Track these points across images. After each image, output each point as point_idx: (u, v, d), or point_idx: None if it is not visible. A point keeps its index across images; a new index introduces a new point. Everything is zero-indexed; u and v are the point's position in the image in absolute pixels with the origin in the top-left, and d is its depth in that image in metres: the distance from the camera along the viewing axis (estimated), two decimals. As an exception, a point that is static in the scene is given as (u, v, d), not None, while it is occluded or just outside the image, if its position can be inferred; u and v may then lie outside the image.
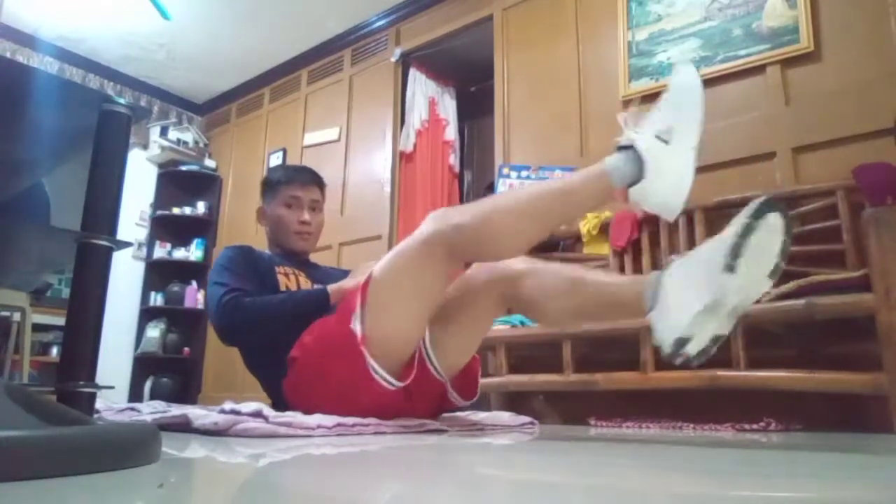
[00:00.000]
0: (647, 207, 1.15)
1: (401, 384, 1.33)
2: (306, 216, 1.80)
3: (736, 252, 0.97)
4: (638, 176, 1.13)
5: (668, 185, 1.12)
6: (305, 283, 1.71)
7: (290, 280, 1.68)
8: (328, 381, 1.36)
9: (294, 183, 1.81)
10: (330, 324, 1.40)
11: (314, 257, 1.93)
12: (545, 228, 1.25)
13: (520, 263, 1.37)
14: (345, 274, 1.80)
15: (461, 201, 4.25)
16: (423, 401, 1.44)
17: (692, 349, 1.02)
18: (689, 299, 1.02)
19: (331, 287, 1.56)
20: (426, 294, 1.31)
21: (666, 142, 1.13)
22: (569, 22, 3.11)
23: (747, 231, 0.97)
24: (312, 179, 1.86)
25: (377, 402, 1.32)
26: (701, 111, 1.14)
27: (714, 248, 1.02)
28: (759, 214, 0.98)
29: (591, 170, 1.18)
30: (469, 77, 4.11)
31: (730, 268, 0.97)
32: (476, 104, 4.16)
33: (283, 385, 1.48)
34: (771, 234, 0.99)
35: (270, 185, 1.84)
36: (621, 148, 1.17)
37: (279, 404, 1.52)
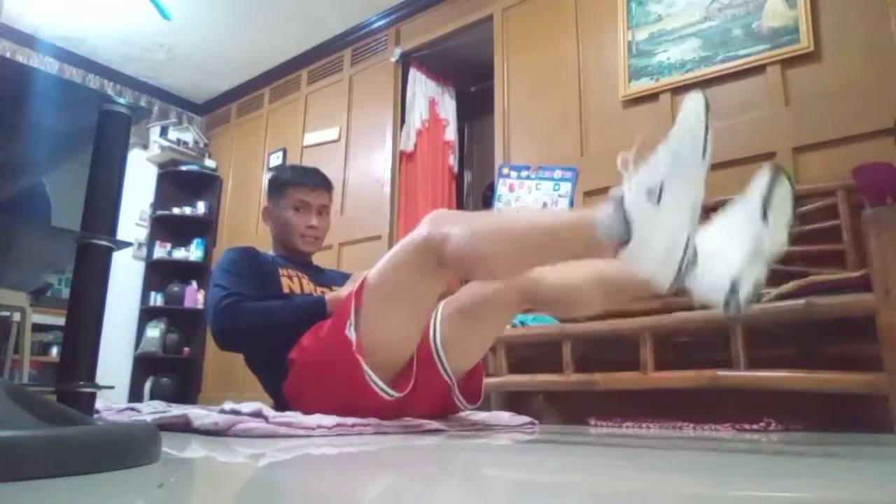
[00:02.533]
0: (637, 274, 1.02)
1: (398, 395, 1.33)
2: (314, 221, 1.80)
3: (767, 203, 1.05)
4: (625, 237, 0.99)
5: (657, 252, 0.98)
6: (309, 286, 1.71)
7: (294, 283, 1.68)
8: (327, 386, 1.36)
9: (303, 186, 1.80)
10: (326, 329, 1.40)
11: (316, 256, 1.93)
12: (533, 264, 1.25)
13: None
14: (346, 277, 1.80)
15: (460, 201, 4.25)
16: (425, 400, 1.44)
17: (742, 292, 1.03)
18: (735, 246, 1.05)
19: (328, 295, 1.56)
20: (419, 299, 1.31)
21: (657, 201, 0.97)
22: (569, 22, 3.11)
23: (772, 186, 1.07)
24: (322, 183, 1.84)
25: (376, 407, 1.32)
26: (700, 163, 0.98)
27: (745, 203, 1.09)
28: (776, 174, 1.08)
29: (584, 217, 1.07)
30: (469, 77, 4.11)
31: (765, 216, 1.05)
32: (476, 104, 4.16)
33: (283, 387, 1.48)
34: (785, 191, 1.09)
35: (278, 186, 1.82)
36: (613, 200, 1.03)
37: (280, 405, 1.52)
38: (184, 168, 4.90)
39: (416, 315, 1.34)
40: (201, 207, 4.91)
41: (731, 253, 1.05)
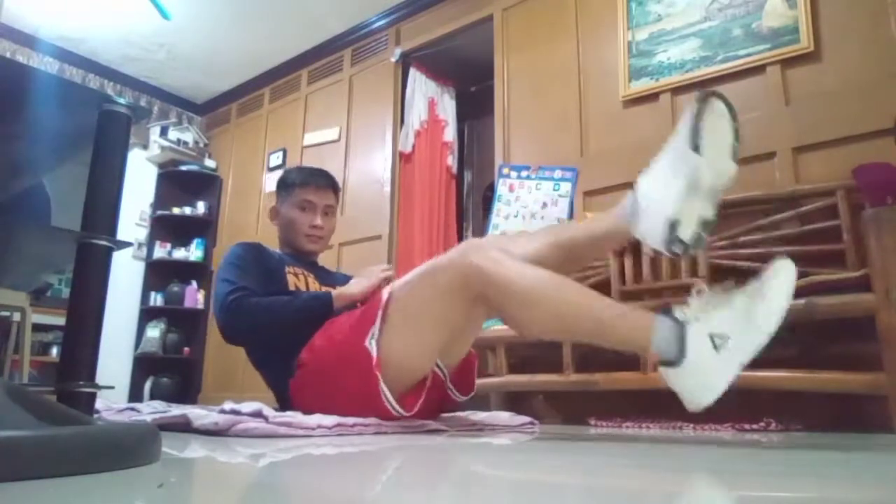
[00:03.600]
0: (670, 385, 1.06)
1: (407, 414, 1.33)
2: (318, 220, 1.81)
3: (696, 132, 1.06)
4: (675, 360, 1.02)
5: (698, 386, 1.02)
6: (315, 285, 1.71)
7: (300, 280, 1.68)
8: (337, 389, 1.36)
9: (309, 186, 1.81)
10: (344, 332, 1.39)
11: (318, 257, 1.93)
12: (569, 340, 1.26)
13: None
14: (349, 279, 1.81)
15: (459, 202, 4.25)
16: (426, 402, 1.44)
17: (685, 233, 1.06)
18: (668, 185, 1.08)
19: (335, 291, 1.56)
20: (447, 324, 1.30)
21: (716, 348, 1.00)
22: (569, 22, 3.11)
23: (699, 114, 1.07)
24: (328, 184, 1.85)
25: (382, 416, 1.32)
26: (770, 333, 1.01)
27: (674, 138, 1.10)
28: (703, 100, 1.07)
29: (641, 320, 1.07)
30: (469, 77, 4.10)
31: (695, 147, 1.06)
32: (476, 104, 4.16)
33: (289, 385, 1.48)
34: (720, 118, 1.09)
35: (285, 186, 1.84)
36: (674, 318, 1.04)
37: (283, 403, 1.52)
38: (184, 168, 4.90)
39: (439, 339, 1.33)
40: (201, 207, 4.91)
41: (664, 194, 1.08)
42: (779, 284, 1.02)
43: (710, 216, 1.09)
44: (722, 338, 1.00)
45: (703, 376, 1.01)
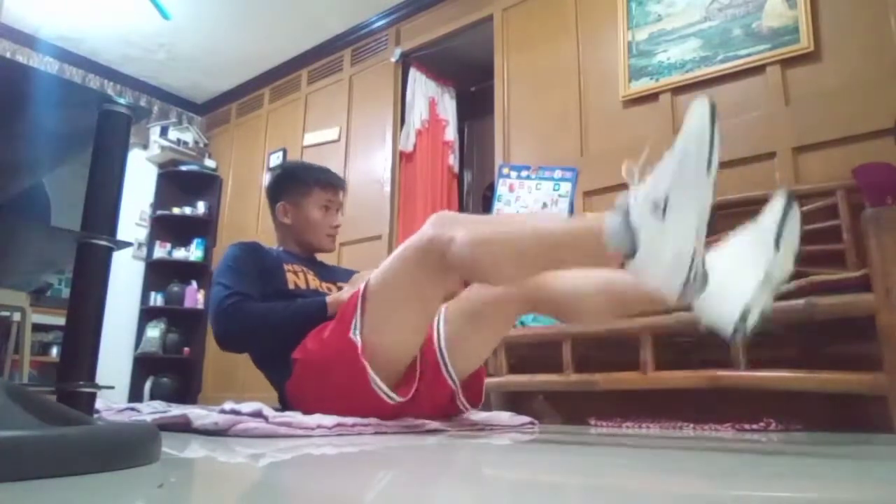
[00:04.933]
0: (644, 285, 1.01)
1: (401, 399, 1.33)
2: (338, 220, 1.85)
3: (780, 232, 1.05)
4: (631, 249, 0.97)
5: (662, 266, 0.96)
6: (314, 282, 1.71)
7: (300, 277, 1.68)
8: (329, 387, 1.36)
9: (331, 188, 1.83)
10: (330, 330, 1.40)
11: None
12: (537, 272, 1.25)
13: None
14: (350, 273, 1.81)
15: (461, 202, 4.25)
16: (428, 404, 1.44)
17: (751, 320, 1.03)
18: (747, 274, 1.05)
19: (329, 297, 1.56)
20: (422, 301, 1.31)
21: (662, 214, 0.94)
22: (569, 22, 3.11)
23: (786, 214, 1.06)
24: (344, 184, 1.92)
25: (378, 409, 1.32)
26: (705, 176, 0.92)
27: (758, 230, 1.09)
28: (790, 202, 1.07)
29: (591, 227, 1.05)
30: (469, 77, 4.11)
31: (777, 245, 1.05)
32: (476, 104, 4.16)
33: (288, 386, 1.48)
34: (795, 222, 1.09)
35: (302, 184, 1.82)
36: (620, 210, 1.01)
37: (285, 404, 1.52)
38: (184, 168, 4.90)
39: (419, 318, 1.33)
40: (201, 207, 4.91)
41: (743, 281, 1.04)
42: (693, 119, 0.94)
43: (769, 309, 1.05)
44: (661, 201, 0.94)
45: (665, 249, 0.95)
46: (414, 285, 1.28)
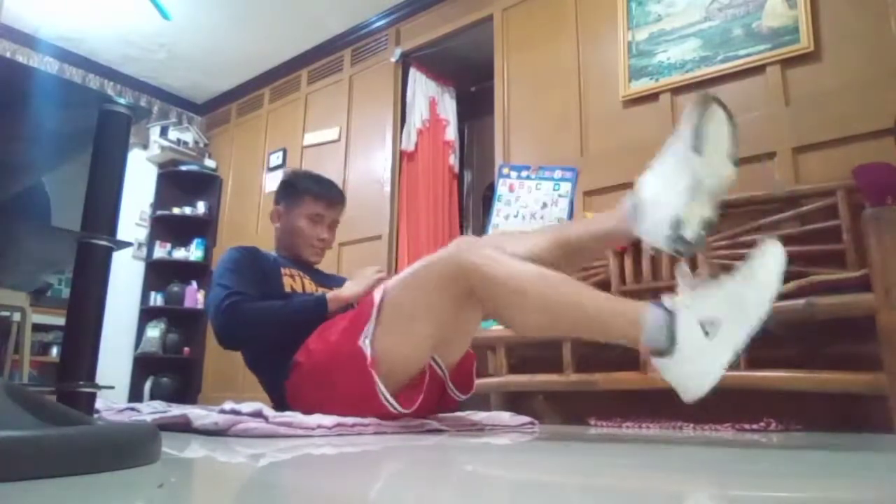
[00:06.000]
0: (664, 377, 1.05)
1: (406, 411, 1.33)
2: (325, 234, 1.81)
3: (698, 135, 1.09)
4: (666, 350, 1.01)
5: (692, 375, 1.01)
6: (311, 286, 1.71)
7: (296, 282, 1.68)
8: (333, 391, 1.36)
9: (322, 201, 1.80)
10: (338, 333, 1.39)
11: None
12: (561, 334, 1.26)
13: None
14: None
15: (461, 202, 4.25)
16: (427, 399, 1.44)
17: (688, 232, 1.08)
18: (670, 185, 1.11)
19: (329, 294, 1.56)
20: (439, 322, 1.31)
21: (708, 335, 0.99)
22: (569, 22, 3.11)
23: (701, 119, 1.10)
24: (340, 199, 1.86)
25: (380, 415, 1.32)
26: (762, 316, 0.98)
27: (675, 140, 1.13)
28: (703, 104, 1.11)
29: (632, 311, 1.06)
30: (469, 77, 4.10)
31: (697, 150, 1.09)
32: (476, 104, 4.16)
33: (285, 387, 1.48)
34: (719, 123, 1.12)
35: (296, 192, 1.81)
36: (664, 307, 1.04)
37: (280, 405, 1.52)
38: (184, 168, 4.90)
39: (433, 337, 1.33)
40: (201, 207, 4.91)
41: (668, 194, 1.10)
42: (768, 265, 1.00)
43: (712, 216, 1.11)
44: (713, 324, 0.99)
45: (696, 365, 1.00)
46: (434, 307, 1.28)
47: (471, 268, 1.18)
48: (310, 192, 1.80)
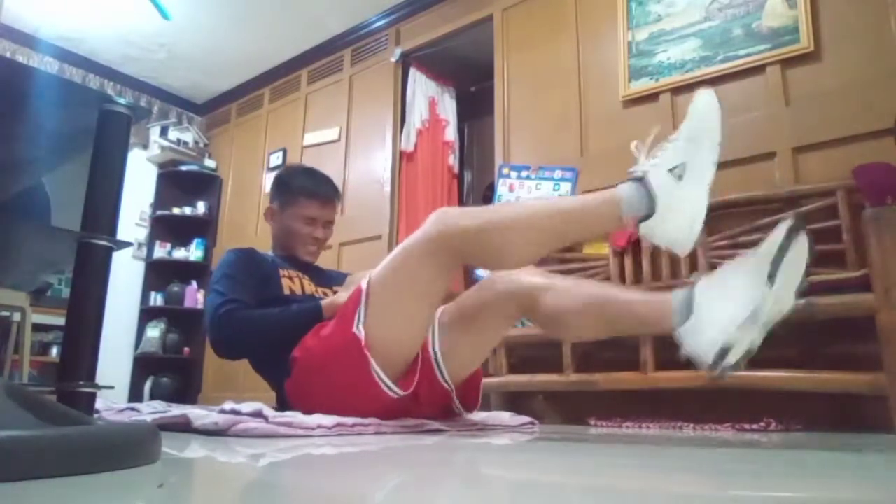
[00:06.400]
0: (656, 242, 1.13)
1: (403, 393, 1.33)
2: (320, 234, 1.80)
3: (777, 264, 1.04)
4: (648, 210, 1.09)
5: (679, 223, 1.09)
6: (310, 287, 1.70)
7: (295, 283, 1.67)
8: (331, 384, 1.36)
9: (316, 200, 1.78)
10: (330, 328, 1.40)
11: (314, 257, 1.93)
12: (551, 246, 1.25)
13: (538, 278, 1.37)
14: (344, 277, 1.80)
15: (461, 202, 4.25)
16: (427, 405, 1.44)
17: (731, 359, 1.05)
18: (732, 309, 1.06)
19: (324, 301, 1.55)
20: (427, 294, 1.31)
21: (679, 178, 1.09)
22: (569, 22, 3.11)
23: (785, 246, 1.04)
24: (334, 196, 1.84)
25: (379, 406, 1.32)
26: (716, 147, 1.10)
27: (754, 261, 1.07)
28: (793, 232, 1.05)
29: (604, 195, 1.15)
30: (469, 77, 4.11)
31: (771, 279, 1.04)
32: (476, 104, 4.16)
33: (287, 385, 1.48)
34: (800, 253, 1.05)
35: (289, 191, 1.79)
36: (634, 178, 1.13)
37: (284, 404, 1.52)
38: (184, 168, 4.90)
39: (423, 311, 1.33)
40: (201, 207, 4.91)
41: (726, 314, 1.05)
42: (701, 104, 1.12)
43: (756, 346, 1.06)
44: (680, 167, 1.09)
45: (680, 209, 1.08)
46: (420, 278, 1.28)
47: (452, 227, 1.21)
48: (304, 192, 1.78)
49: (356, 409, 1.31)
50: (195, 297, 4.72)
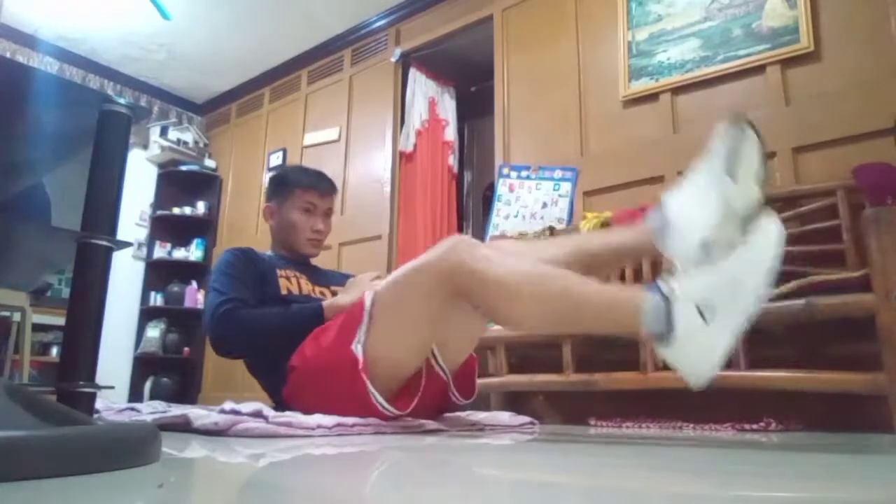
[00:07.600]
0: (669, 362, 1.03)
1: (399, 413, 1.33)
2: (321, 225, 1.80)
3: (732, 158, 1.06)
4: (665, 336, 0.99)
5: (694, 360, 0.99)
6: (307, 287, 1.70)
7: (293, 283, 1.67)
8: (326, 396, 1.36)
9: (313, 191, 1.79)
10: (331, 338, 1.39)
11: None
12: (561, 329, 1.24)
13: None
14: (345, 278, 1.79)
15: (460, 202, 4.25)
16: (425, 400, 1.44)
17: (716, 251, 1.05)
18: (702, 206, 1.08)
19: (325, 302, 1.55)
20: (431, 322, 1.30)
21: (705, 319, 0.96)
22: (569, 22, 3.11)
23: (736, 141, 1.07)
24: (331, 187, 1.85)
25: (378, 417, 1.32)
26: (758, 300, 0.95)
27: (707, 162, 1.10)
28: (739, 127, 1.08)
29: (629, 299, 1.04)
30: (469, 77, 4.11)
31: (731, 173, 1.06)
32: (476, 104, 4.16)
33: (284, 392, 1.48)
34: (752, 146, 1.08)
35: (286, 186, 1.80)
36: (659, 292, 1.00)
37: (280, 408, 1.52)
38: (184, 168, 4.90)
39: (426, 338, 1.33)
40: (201, 207, 4.91)
41: (697, 216, 1.08)
42: (765, 242, 0.96)
43: (740, 242, 1.05)
44: (710, 307, 0.96)
45: (697, 349, 0.98)
46: (427, 307, 1.27)
47: (464, 269, 1.16)
48: (300, 184, 1.79)
49: (352, 415, 1.31)
50: (195, 297, 4.72)
